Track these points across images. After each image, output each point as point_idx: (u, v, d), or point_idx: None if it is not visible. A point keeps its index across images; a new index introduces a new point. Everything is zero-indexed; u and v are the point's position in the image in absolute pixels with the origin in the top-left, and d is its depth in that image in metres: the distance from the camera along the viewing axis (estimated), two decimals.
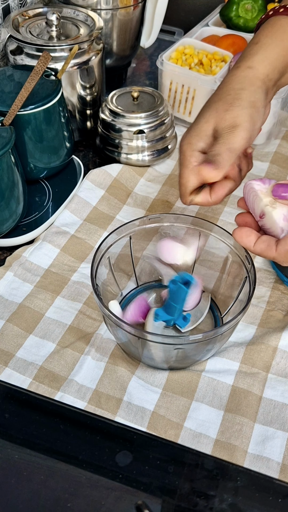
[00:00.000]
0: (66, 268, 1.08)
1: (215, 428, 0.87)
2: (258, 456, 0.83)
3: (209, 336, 0.83)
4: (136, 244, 1.02)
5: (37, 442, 0.69)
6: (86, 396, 0.89)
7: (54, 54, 1.22)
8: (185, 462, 0.67)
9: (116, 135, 1.28)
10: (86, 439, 0.68)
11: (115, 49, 1.50)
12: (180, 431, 0.86)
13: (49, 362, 0.93)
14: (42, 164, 1.19)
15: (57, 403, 0.74)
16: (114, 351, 0.95)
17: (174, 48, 1.44)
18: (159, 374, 0.92)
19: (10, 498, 0.66)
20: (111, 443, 0.68)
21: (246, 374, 0.92)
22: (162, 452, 0.67)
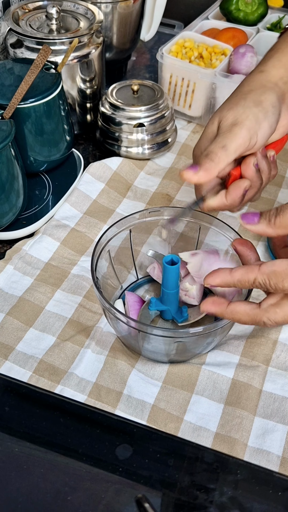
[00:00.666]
0: (66, 261, 1.08)
1: (215, 421, 0.86)
2: (258, 449, 0.83)
3: (210, 329, 0.83)
4: (136, 238, 1.01)
5: (37, 436, 0.69)
6: (86, 390, 0.89)
7: (54, 48, 1.22)
8: (185, 455, 0.66)
9: (116, 128, 1.27)
10: (86, 432, 0.68)
11: (115, 43, 1.49)
12: (180, 424, 0.86)
13: (49, 355, 0.93)
14: (42, 157, 1.18)
15: (57, 396, 0.74)
16: (114, 345, 0.94)
17: (174, 42, 1.43)
18: (159, 367, 0.92)
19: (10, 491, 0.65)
20: (111, 437, 0.68)
21: (246, 367, 0.92)
22: (162, 446, 0.67)
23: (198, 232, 1.01)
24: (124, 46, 1.53)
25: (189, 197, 1.22)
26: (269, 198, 1.22)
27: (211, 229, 0.99)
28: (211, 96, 1.36)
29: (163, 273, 0.90)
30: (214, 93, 1.35)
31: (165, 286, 0.91)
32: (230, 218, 1.16)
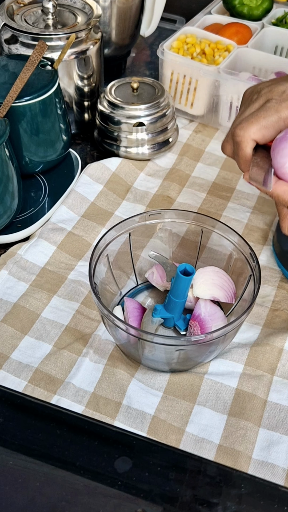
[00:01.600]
0: (63, 266, 1.08)
1: (218, 433, 0.86)
2: (263, 462, 0.83)
3: (212, 337, 0.83)
4: (136, 241, 1.02)
5: (33, 448, 0.69)
6: (83, 400, 0.89)
7: (50, 43, 1.22)
8: (187, 469, 0.67)
9: (115, 128, 1.28)
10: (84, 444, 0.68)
11: (114, 38, 1.50)
12: (182, 436, 0.86)
13: (45, 364, 0.93)
14: (38, 157, 1.19)
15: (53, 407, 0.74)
16: (113, 353, 0.95)
17: (176, 37, 1.44)
18: (159, 376, 0.92)
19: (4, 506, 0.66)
20: (110, 449, 0.68)
21: (251, 377, 0.92)
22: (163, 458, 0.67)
23: (200, 236, 1.02)
24: (123, 42, 1.53)
25: (191, 199, 1.22)
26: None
27: (214, 232, 0.99)
28: (214, 94, 1.36)
29: (174, 281, 0.90)
30: (217, 91, 1.35)
31: (174, 295, 0.91)
32: (234, 221, 1.17)
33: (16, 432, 0.70)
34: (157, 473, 0.66)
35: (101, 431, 0.70)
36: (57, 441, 0.69)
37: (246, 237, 1.11)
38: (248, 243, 0.95)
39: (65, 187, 1.21)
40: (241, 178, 1.28)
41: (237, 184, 1.27)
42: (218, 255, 1.04)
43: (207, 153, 1.35)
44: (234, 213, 1.20)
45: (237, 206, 1.21)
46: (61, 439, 0.69)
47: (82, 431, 0.70)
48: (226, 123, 1.39)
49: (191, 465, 0.67)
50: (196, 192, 1.24)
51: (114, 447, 0.68)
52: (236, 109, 1.35)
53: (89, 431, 0.70)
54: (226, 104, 1.36)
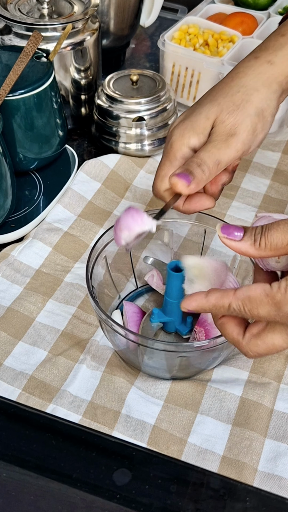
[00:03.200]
0: (58, 268, 1.08)
1: (222, 443, 0.86)
2: (269, 474, 0.83)
3: (216, 343, 0.83)
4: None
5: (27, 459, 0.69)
6: (80, 409, 0.89)
7: (46, 34, 1.22)
8: (189, 481, 0.67)
9: (114, 123, 1.28)
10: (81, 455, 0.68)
11: (112, 29, 1.50)
12: (184, 447, 0.86)
13: (40, 371, 0.93)
14: (33, 154, 1.19)
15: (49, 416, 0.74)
16: (112, 359, 0.95)
17: (177, 27, 1.44)
18: (160, 384, 0.92)
19: None
20: (108, 460, 0.68)
21: (256, 385, 0.92)
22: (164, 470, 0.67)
23: (203, 237, 1.02)
24: (122, 33, 1.53)
25: None
26: (282, 199, 1.23)
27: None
28: None
29: (167, 280, 0.90)
30: None
31: (169, 295, 0.92)
32: (239, 221, 1.17)
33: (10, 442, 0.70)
34: (157, 486, 0.66)
35: (99, 441, 0.70)
36: (52, 452, 0.69)
37: None
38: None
39: (61, 185, 1.21)
40: (246, 175, 1.28)
41: (241, 182, 1.27)
42: (222, 256, 1.04)
43: None
44: (238, 212, 1.20)
45: (242, 205, 1.21)
46: (57, 450, 0.69)
47: (79, 442, 0.70)
48: None
49: (193, 478, 0.67)
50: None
51: (112, 459, 0.68)
52: None
53: (86, 442, 0.70)
54: None
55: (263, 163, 1.32)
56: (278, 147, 1.36)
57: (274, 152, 1.34)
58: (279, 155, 1.34)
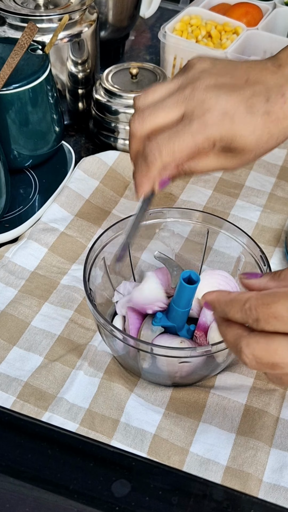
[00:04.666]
0: (55, 270, 1.08)
1: (225, 453, 0.86)
2: (274, 485, 0.83)
3: (219, 348, 0.83)
4: (135, 243, 1.02)
5: (22, 470, 0.69)
6: (77, 417, 0.89)
7: (41, 25, 1.22)
8: (191, 492, 0.67)
9: (112, 118, 1.28)
10: (78, 466, 0.69)
11: (111, 20, 1.50)
12: (186, 456, 0.86)
13: (35, 377, 0.93)
14: (28, 151, 1.19)
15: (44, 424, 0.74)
16: (110, 365, 0.95)
17: (179, 19, 1.44)
18: (161, 391, 0.92)
19: None
20: (107, 471, 0.68)
21: (261, 392, 0.92)
22: (165, 481, 0.67)
23: (206, 237, 1.02)
24: (121, 24, 1.53)
25: (195, 197, 1.22)
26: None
27: (221, 233, 0.99)
28: None
29: (177, 289, 0.90)
30: None
31: (177, 304, 0.91)
32: (243, 221, 1.17)
33: (4, 452, 0.70)
34: (158, 497, 0.66)
35: (97, 451, 0.70)
36: (48, 462, 0.69)
37: (256, 238, 1.11)
38: (259, 244, 0.95)
39: (57, 183, 1.21)
40: (251, 173, 1.28)
41: (246, 180, 1.27)
42: (225, 258, 1.04)
43: None
44: (243, 211, 1.20)
45: (247, 204, 1.21)
46: (53, 460, 0.69)
47: (76, 452, 0.70)
48: None
49: (196, 489, 0.67)
50: (201, 188, 1.25)
51: (111, 469, 0.68)
52: None
53: (84, 451, 0.70)
54: None
55: (268, 160, 1.32)
56: (284, 144, 1.36)
57: (280, 149, 1.34)
58: (286, 151, 1.34)
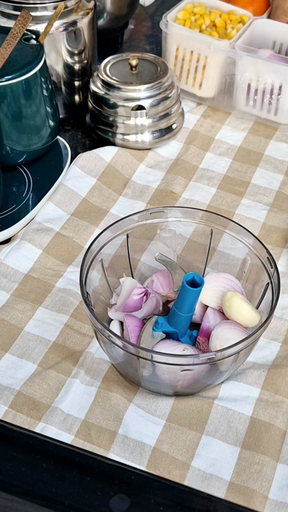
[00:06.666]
0: (49, 272, 1.08)
1: (229, 468, 0.86)
2: (281, 503, 0.83)
3: (223, 355, 0.83)
4: (135, 244, 1.02)
5: (15, 484, 0.69)
6: (73, 428, 0.89)
7: (35, 14, 1.22)
8: (194, 508, 0.67)
9: (110, 112, 1.28)
10: (74, 480, 0.69)
11: (109, 8, 1.50)
12: (187, 471, 0.86)
13: (28, 386, 0.93)
14: (21, 146, 1.19)
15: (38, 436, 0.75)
16: (108, 374, 0.95)
17: (181, 7, 1.44)
18: (162, 401, 0.92)
19: None
20: (104, 485, 0.68)
21: (268, 403, 0.93)
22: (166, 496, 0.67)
23: (209, 238, 1.02)
24: (120, 12, 1.54)
25: (199, 195, 1.22)
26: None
27: (226, 233, 0.99)
28: (226, 73, 1.36)
29: (180, 292, 0.90)
30: (231, 70, 1.35)
31: (179, 308, 0.91)
32: (248, 221, 1.17)
33: None
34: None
35: (93, 464, 0.70)
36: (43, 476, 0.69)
37: (263, 238, 1.11)
38: (265, 246, 0.95)
39: (52, 181, 1.21)
40: (257, 170, 1.28)
41: (252, 177, 1.27)
42: (230, 260, 1.04)
43: (218, 141, 1.36)
44: (249, 211, 1.20)
45: (253, 203, 1.22)
46: (48, 473, 0.69)
47: (71, 465, 0.70)
48: (243, 107, 1.39)
49: (198, 504, 0.67)
50: (204, 186, 1.25)
51: (109, 483, 0.68)
52: (256, 91, 1.35)
53: (80, 465, 0.70)
54: (242, 85, 1.36)
55: (275, 156, 1.32)
56: None
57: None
58: None
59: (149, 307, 0.98)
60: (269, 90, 1.34)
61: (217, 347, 0.90)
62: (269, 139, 1.36)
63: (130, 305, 0.96)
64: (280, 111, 1.36)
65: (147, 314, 0.98)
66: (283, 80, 1.31)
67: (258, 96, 1.35)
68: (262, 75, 1.32)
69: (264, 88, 1.34)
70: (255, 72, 1.33)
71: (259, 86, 1.34)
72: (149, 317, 0.98)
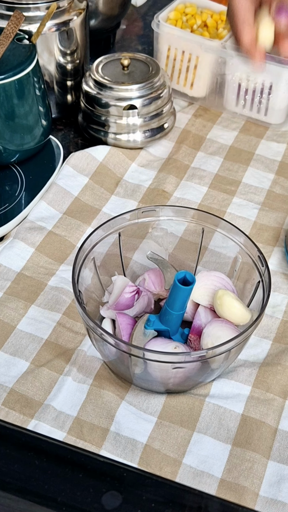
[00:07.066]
0: (42, 271, 1.08)
1: (220, 465, 0.86)
2: (271, 500, 0.83)
3: (214, 353, 0.83)
4: (127, 243, 1.02)
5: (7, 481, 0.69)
6: (65, 425, 0.89)
7: (28, 14, 1.22)
8: (185, 505, 0.67)
9: (102, 111, 1.28)
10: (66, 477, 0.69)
11: (101, 8, 1.50)
12: (178, 468, 0.86)
13: (21, 384, 0.93)
14: (13, 146, 1.19)
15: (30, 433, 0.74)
16: (100, 371, 0.95)
17: (173, 7, 1.44)
18: (154, 399, 0.92)
19: None
20: (96, 482, 0.68)
21: (259, 401, 0.93)
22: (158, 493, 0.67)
23: (201, 236, 1.02)
24: (112, 12, 1.53)
25: (190, 194, 1.22)
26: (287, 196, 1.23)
27: (217, 232, 1.00)
28: (217, 73, 1.36)
29: (171, 290, 0.90)
30: (222, 70, 1.35)
31: (171, 306, 0.91)
32: (240, 219, 1.17)
33: None
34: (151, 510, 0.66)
35: (86, 461, 0.70)
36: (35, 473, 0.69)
37: (254, 237, 1.12)
38: (257, 244, 0.95)
39: (44, 180, 1.21)
40: (248, 169, 1.28)
41: (243, 176, 1.27)
42: (221, 258, 1.04)
43: (209, 140, 1.36)
44: (240, 209, 1.20)
45: (244, 202, 1.22)
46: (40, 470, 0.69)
47: (64, 462, 0.70)
48: (233, 107, 1.40)
49: (190, 501, 0.67)
50: (196, 185, 1.25)
51: (101, 480, 0.68)
52: (246, 91, 1.36)
53: (72, 462, 0.70)
54: (233, 85, 1.36)
55: (266, 155, 1.32)
56: (283, 138, 1.36)
57: (279, 144, 1.35)
58: (285, 146, 1.34)
59: (141, 305, 0.98)
60: (259, 90, 1.34)
61: (208, 345, 0.90)
62: (260, 138, 1.36)
63: (122, 303, 0.96)
64: (270, 111, 1.36)
65: (139, 312, 0.98)
66: (273, 80, 1.31)
67: (249, 96, 1.35)
68: (253, 74, 1.32)
69: (255, 88, 1.34)
70: (246, 72, 1.33)
71: (249, 86, 1.34)
72: (141, 315, 0.98)
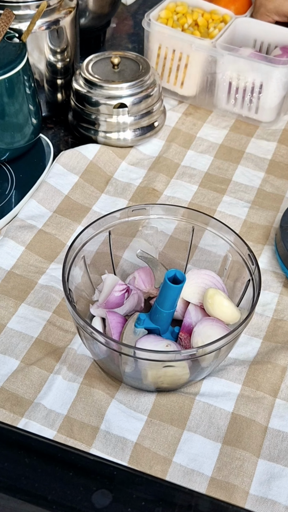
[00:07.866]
0: (32, 269, 1.08)
1: (210, 463, 0.86)
2: (261, 498, 0.83)
3: (205, 352, 0.83)
4: (117, 241, 1.02)
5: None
6: (55, 424, 0.89)
7: (18, 12, 1.22)
8: (176, 503, 0.67)
9: (93, 110, 1.28)
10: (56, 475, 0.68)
11: (91, 6, 1.50)
12: (168, 467, 0.86)
13: (11, 382, 0.93)
14: (4, 144, 1.18)
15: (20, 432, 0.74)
16: (90, 370, 0.95)
17: (164, 6, 1.44)
18: (144, 397, 0.92)
19: None
20: (86, 481, 0.68)
21: (249, 399, 0.93)
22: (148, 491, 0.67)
23: (191, 235, 1.02)
24: (102, 11, 1.53)
25: (180, 192, 1.22)
26: (278, 194, 1.23)
27: (207, 231, 0.99)
28: (208, 71, 1.36)
29: (161, 289, 0.90)
30: (212, 68, 1.35)
31: (161, 305, 0.91)
32: (230, 218, 1.17)
33: None
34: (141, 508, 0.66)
35: (76, 460, 0.70)
36: (25, 471, 0.69)
37: (244, 236, 1.11)
38: (246, 242, 0.95)
39: (35, 178, 1.21)
40: (238, 167, 1.28)
41: (233, 174, 1.27)
42: (211, 256, 1.04)
43: (199, 138, 1.36)
44: (230, 208, 1.20)
45: (234, 200, 1.22)
46: (30, 469, 0.69)
47: (54, 460, 0.70)
48: (224, 105, 1.39)
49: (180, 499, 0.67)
50: (186, 184, 1.25)
51: (91, 479, 0.68)
52: (237, 90, 1.36)
53: (62, 460, 0.70)
54: (223, 84, 1.36)
55: (256, 154, 1.32)
56: (273, 136, 1.36)
57: (269, 142, 1.35)
58: (275, 145, 1.34)
59: (131, 304, 0.98)
60: (250, 88, 1.34)
61: (198, 343, 0.90)
62: (250, 136, 1.36)
63: (112, 302, 0.96)
64: (260, 110, 1.36)
65: (129, 310, 0.98)
66: (263, 79, 1.31)
67: (239, 94, 1.35)
68: (243, 73, 1.32)
69: (245, 87, 1.34)
70: (236, 71, 1.33)
71: (240, 85, 1.34)
72: (131, 313, 0.98)
